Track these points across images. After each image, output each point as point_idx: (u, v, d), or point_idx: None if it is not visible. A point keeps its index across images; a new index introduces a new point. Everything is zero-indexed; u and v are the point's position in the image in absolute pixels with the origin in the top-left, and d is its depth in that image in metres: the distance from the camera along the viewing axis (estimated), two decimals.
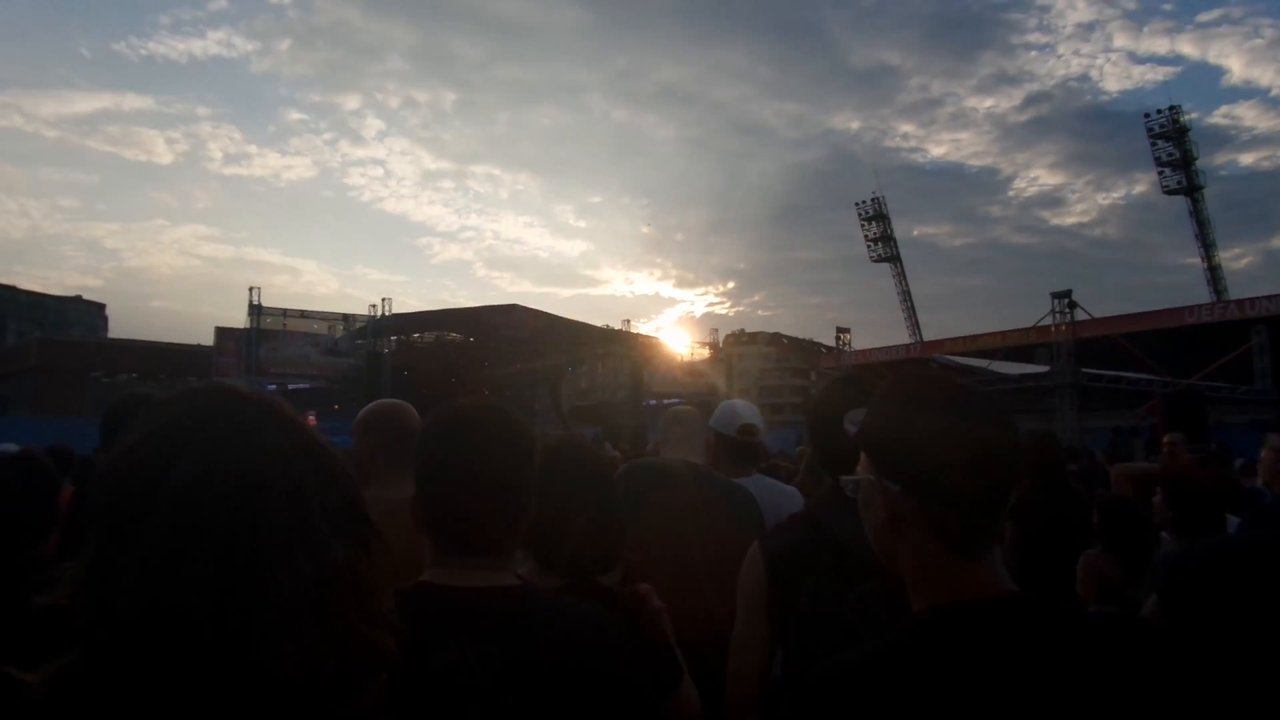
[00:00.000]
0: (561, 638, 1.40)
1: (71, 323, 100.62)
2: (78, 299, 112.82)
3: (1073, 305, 25.73)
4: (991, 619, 1.11)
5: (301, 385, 30.73)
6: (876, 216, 44.88)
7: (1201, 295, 35.11)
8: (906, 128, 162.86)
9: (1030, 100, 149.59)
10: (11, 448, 4.30)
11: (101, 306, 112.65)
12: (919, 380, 1.26)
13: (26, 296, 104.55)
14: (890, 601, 1.33)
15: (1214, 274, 38.20)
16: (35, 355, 49.38)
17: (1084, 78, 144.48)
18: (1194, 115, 42.24)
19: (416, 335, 35.81)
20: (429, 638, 1.33)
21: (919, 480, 1.15)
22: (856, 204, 45.40)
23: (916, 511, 1.15)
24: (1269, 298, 24.63)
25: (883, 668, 1.10)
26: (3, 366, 56.97)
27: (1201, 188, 37.79)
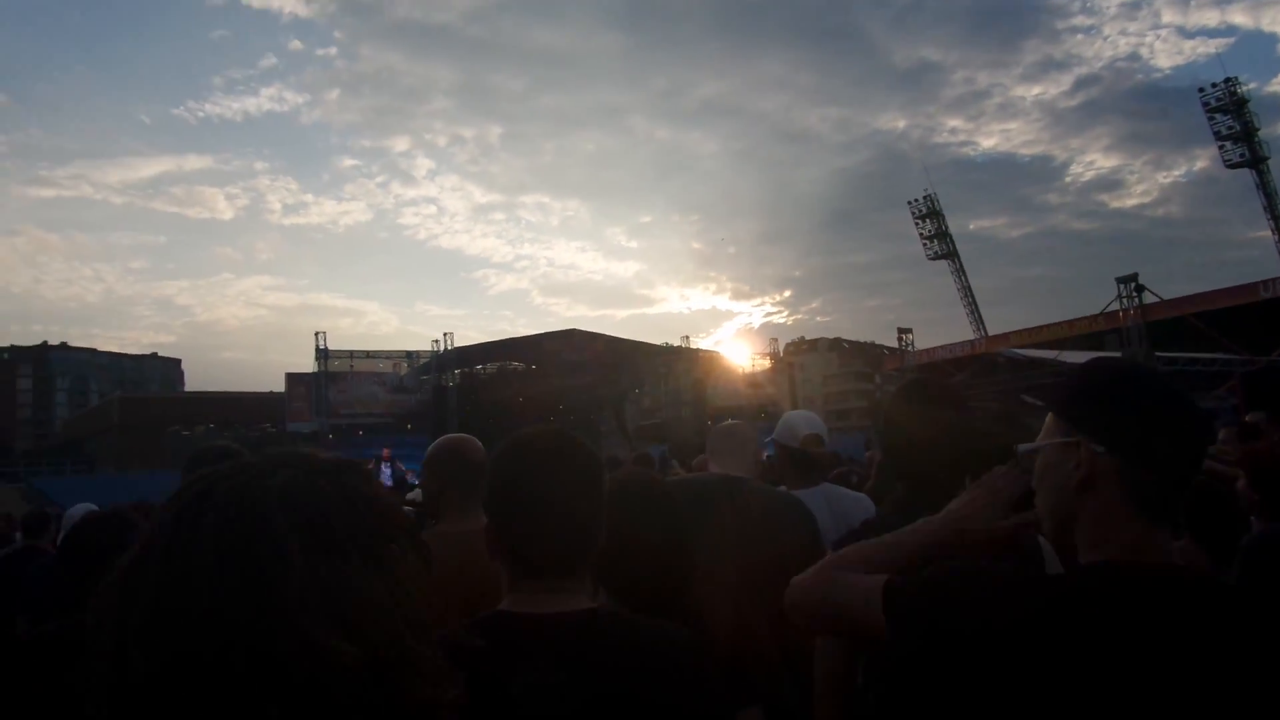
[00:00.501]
0: (638, 660, 1.41)
1: (149, 379, 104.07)
2: (154, 356, 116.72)
3: (1140, 289, 25.09)
4: (1159, 584, 1.14)
5: (371, 422, 31.31)
6: (930, 214, 44.32)
7: (1274, 269, 33.84)
8: (954, 122, 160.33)
9: (1080, 84, 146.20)
10: (91, 507, 4.48)
11: (177, 362, 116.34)
12: (1114, 359, 1.32)
13: (106, 358, 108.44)
14: None
15: None
16: (117, 413, 51.18)
17: (1133, 56, 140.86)
18: (1252, 85, 41.16)
19: (479, 367, 36.27)
20: (508, 663, 1.36)
21: (1125, 442, 1.19)
22: (909, 202, 44.95)
23: (1116, 473, 1.18)
24: None
25: (1049, 611, 1.13)
26: (88, 426, 59.13)
27: (1266, 159, 36.57)
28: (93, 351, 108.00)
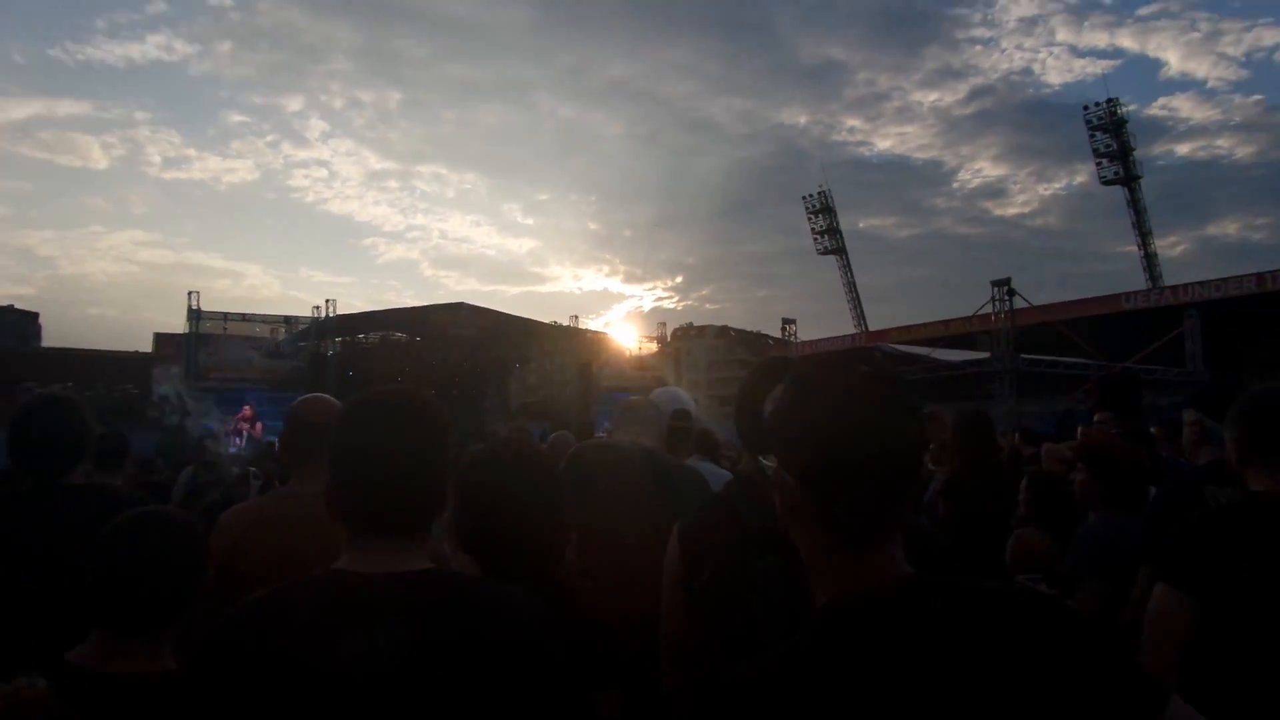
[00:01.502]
0: (475, 619, 1.38)
1: (3, 332, 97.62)
2: (10, 308, 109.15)
3: (1011, 293, 26.29)
4: (887, 606, 1.08)
5: (243, 389, 30.15)
6: (823, 210, 45.38)
7: (1139, 282, 36.06)
8: (853, 122, 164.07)
9: (974, 94, 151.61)
10: None
11: (35, 315, 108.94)
12: (819, 369, 1.20)
13: None
14: (787, 577, 1.35)
15: (1150, 261, 39.26)
16: None
17: (1026, 71, 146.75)
18: (1133, 107, 43.41)
19: (361, 336, 35.35)
20: (338, 622, 1.32)
21: (809, 473, 1.11)
22: (804, 197, 45.94)
23: (809, 504, 1.12)
24: (1201, 283, 25.48)
25: (788, 671, 1.07)
26: None
27: (1139, 177, 38.84)
28: None
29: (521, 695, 1.35)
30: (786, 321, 35.39)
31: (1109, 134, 38.62)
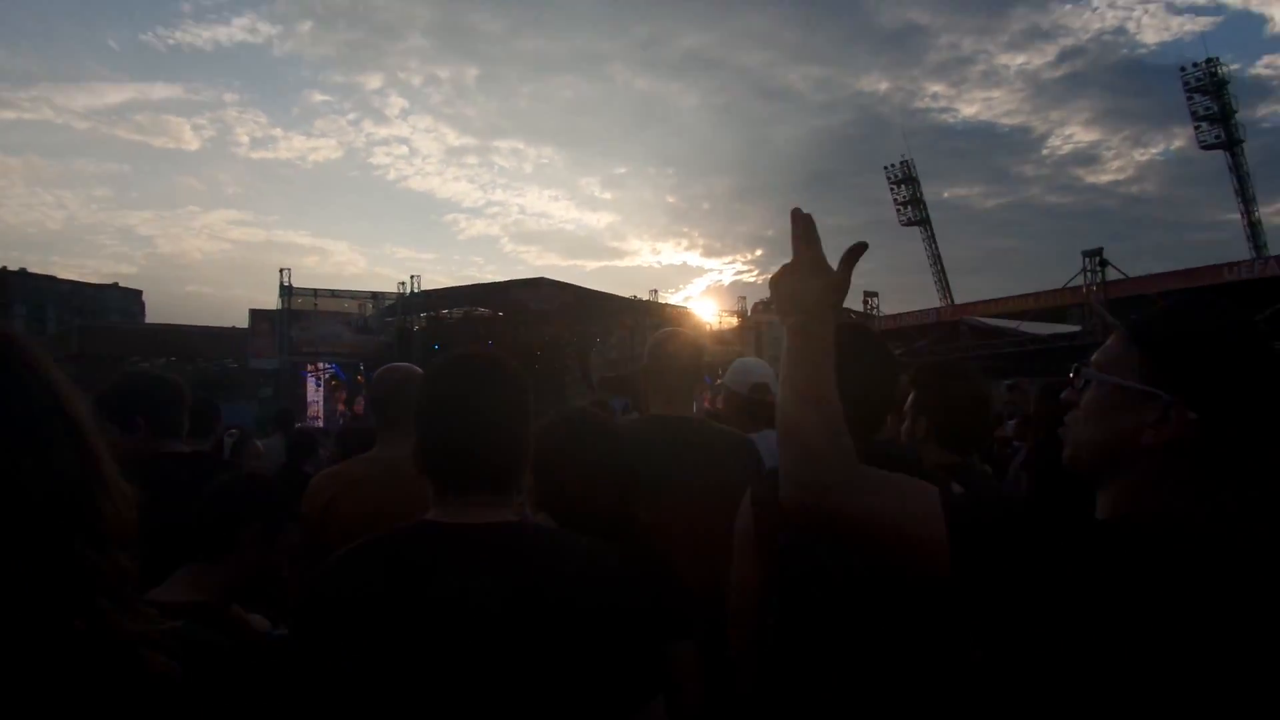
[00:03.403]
0: (561, 568, 1.45)
1: (110, 310, 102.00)
2: (115, 286, 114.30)
3: (1104, 264, 25.41)
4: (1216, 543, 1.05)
5: (335, 363, 31.05)
6: (906, 180, 44.44)
7: (1241, 252, 34.43)
8: (936, 88, 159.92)
9: (1064, 55, 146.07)
10: None
11: (138, 293, 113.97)
12: (1239, 312, 1.14)
13: (66, 286, 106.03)
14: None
15: (1254, 230, 37.52)
16: (76, 343, 50.14)
17: (1120, 30, 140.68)
18: (1234, 67, 41.49)
19: (445, 311, 35.90)
20: (427, 567, 1.40)
21: (1228, 423, 1.07)
22: (885, 167, 45.07)
23: (1198, 445, 1.08)
24: None
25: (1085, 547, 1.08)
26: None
27: (1241, 141, 37.08)
28: (52, 279, 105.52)
29: (601, 641, 1.41)
30: (869, 295, 34.78)
31: (1209, 96, 36.89)
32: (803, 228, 1.37)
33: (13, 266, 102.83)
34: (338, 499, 2.50)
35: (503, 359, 1.59)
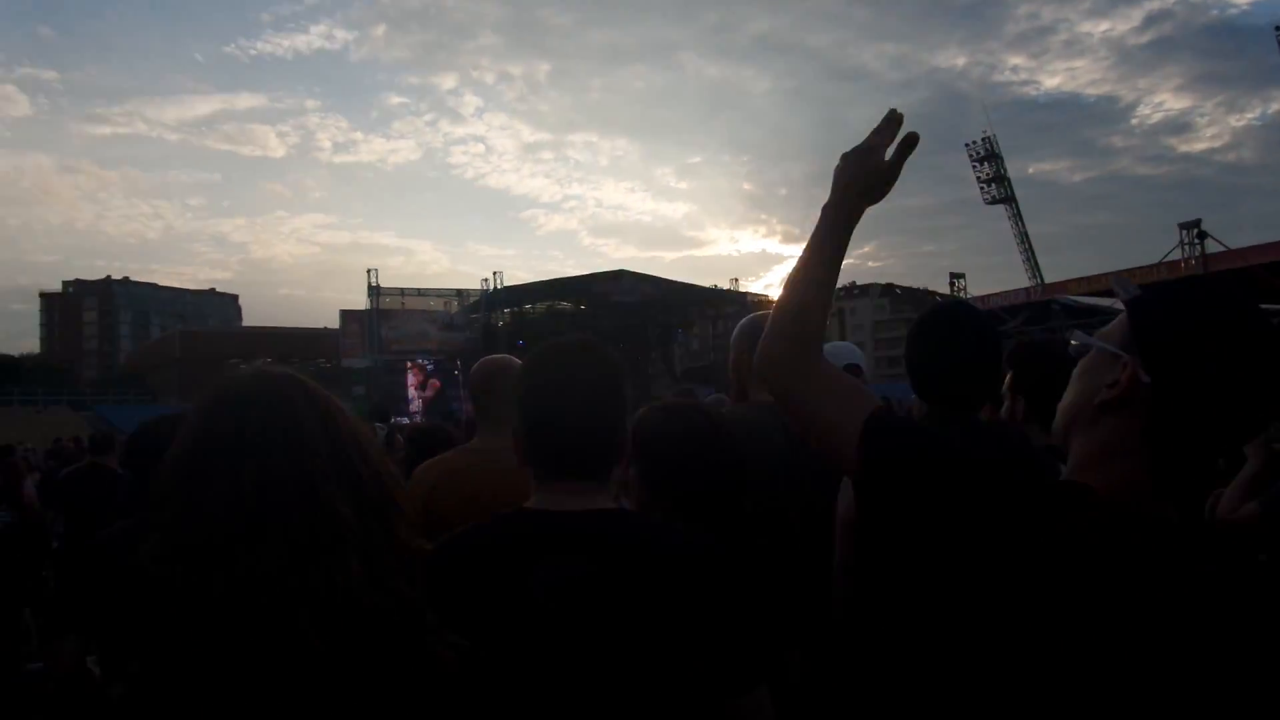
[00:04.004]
0: (660, 556, 1.44)
1: (208, 315, 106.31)
2: (212, 292, 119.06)
3: (1203, 236, 24.35)
4: (1130, 524, 1.03)
5: (424, 360, 31.75)
6: (988, 156, 43.20)
7: None
8: (1016, 60, 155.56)
9: (1150, 20, 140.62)
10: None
11: (235, 298, 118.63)
12: (1235, 291, 1.11)
13: (167, 293, 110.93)
14: None
15: None
16: (178, 347, 52.48)
17: None
18: None
19: (528, 306, 36.44)
20: (528, 555, 1.43)
21: (1177, 389, 1.04)
22: (966, 145, 43.86)
23: (1148, 409, 1.05)
24: None
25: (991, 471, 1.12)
26: (150, 359, 60.83)
27: None
28: (154, 286, 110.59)
29: (705, 636, 1.40)
30: (954, 276, 34.15)
31: None
32: (885, 123, 1.42)
33: (117, 275, 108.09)
34: (438, 489, 2.56)
35: (601, 346, 1.60)
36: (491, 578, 1.41)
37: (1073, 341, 1.24)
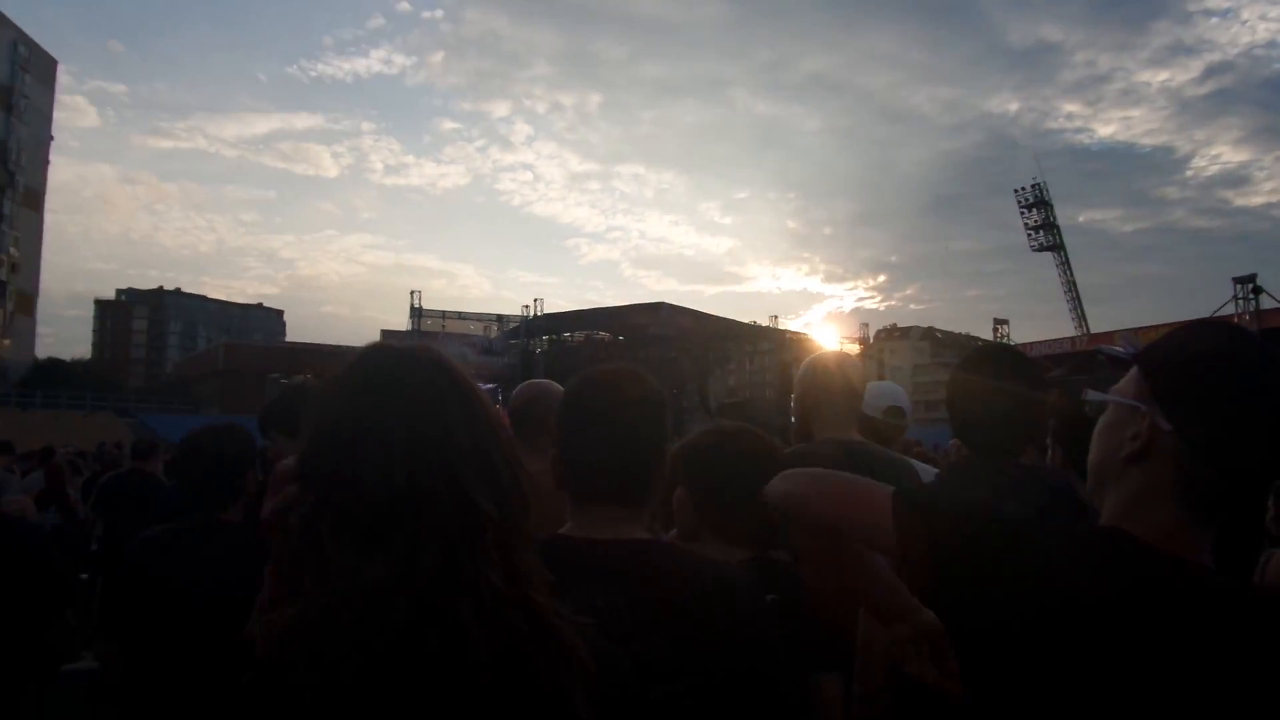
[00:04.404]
0: (686, 587, 1.45)
1: (254, 328, 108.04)
2: (259, 306, 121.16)
3: (1258, 290, 23.86)
4: (1169, 572, 1.02)
5: None
6: (1037, 203, 42.87)
7: None
8: (1071, 107, 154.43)
9: (1210, 71, 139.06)
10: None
11: (280, 313, 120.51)
12: (1241, 332, 1.12)
13: (215, 305, 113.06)
14: None
15: None
16: (223, 359, 53.32)
17: (1272, 44, 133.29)
18: None
19: (567, 335, 36.62)
20: (559, 584, 1.43)
21: (1200, 432, 1.04)
22: (1015, 190, 43.57)
23: (1173, 455, 1.05)
24: None
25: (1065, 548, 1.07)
26: (195, 369, 61.91)
27: None
28: (203, 299, 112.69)
29: (734, 664, 1.41)
30: (998, 322, 33.79)
31: None
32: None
33: (169, 286, 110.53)
34: None
35: (645, 376, 1.61)
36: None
37: (1087, 399, 1.25)
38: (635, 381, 1.58)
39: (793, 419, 2.93)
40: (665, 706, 1.37)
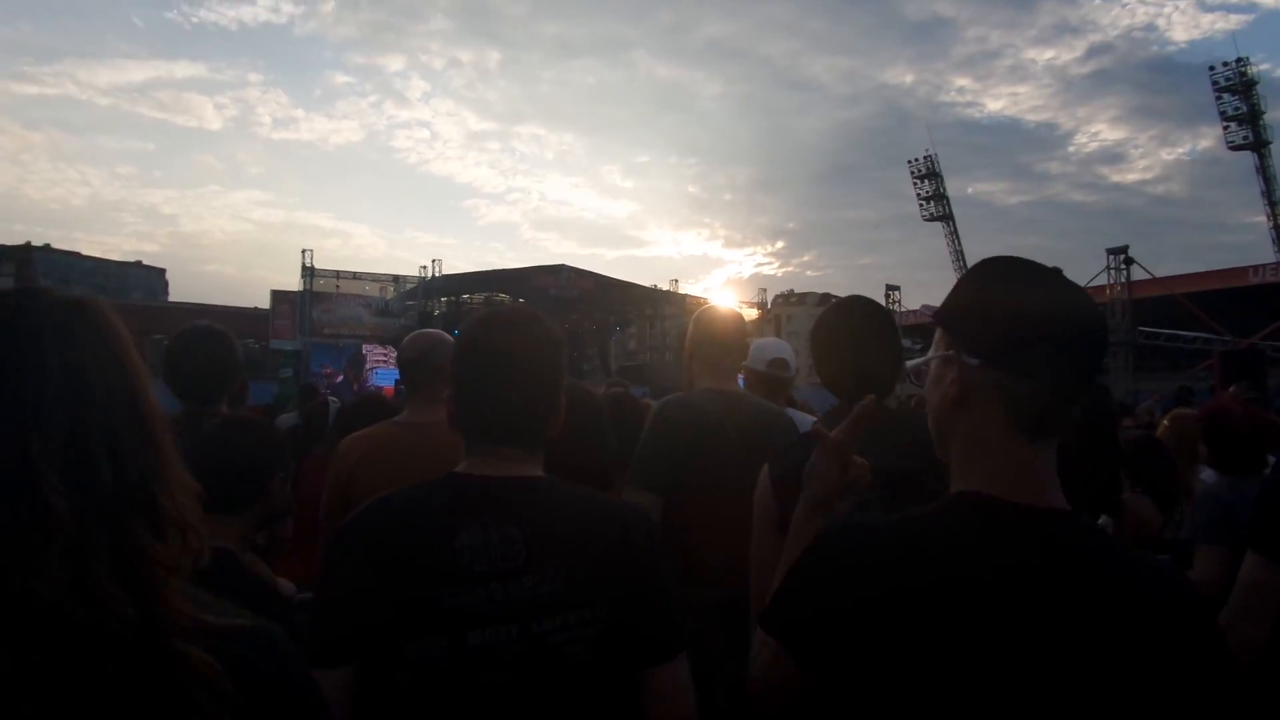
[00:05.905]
0: (581, 522, 1.47)
1: (133, 288, 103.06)
2: (138, 264, 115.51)
3: (1129, 262, 25.19)
4: (1019, 522, 1.06)
5: (355, 345, 31.24)
6: (929, 174, 44.10)
7: (1267, 254, 33.92)
8: (962, 81, 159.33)
9: (1093, 51, 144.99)
10: None
11: (162, 271, 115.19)
12: (1005, 258, 1.20)
13: (90, 262, 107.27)
14: (888, 510, 1.36)
15: (1279, 233, 36.92)
16: None
17: (1150, 27, 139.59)
18: (1264, 66, 40.66)
19: (466, 296, 36.06)
20: (454, 519, 1.41)
21: (1000, 352, 1.11)
22: (909, 161, 44.64)
23: (992, 386, 1.11)
24: None
25: (904, 538, 1.09)
26: None
27: (1269, 143, 36.43)
28: (77, 255, 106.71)
29: (624, 596, 1.44)
30: (890, 289, 34.66)
31: (1237, 96, 36.32)
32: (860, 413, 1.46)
33: (37, 242, 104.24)
34: (365, 460, 2.52)
35: (543, 318, 1.59)
36: (418, 539, 1.40)
37: (908, 367, 1.36)
38: (534, 323, 1.56)
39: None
40: (556, 636, 1.39)
